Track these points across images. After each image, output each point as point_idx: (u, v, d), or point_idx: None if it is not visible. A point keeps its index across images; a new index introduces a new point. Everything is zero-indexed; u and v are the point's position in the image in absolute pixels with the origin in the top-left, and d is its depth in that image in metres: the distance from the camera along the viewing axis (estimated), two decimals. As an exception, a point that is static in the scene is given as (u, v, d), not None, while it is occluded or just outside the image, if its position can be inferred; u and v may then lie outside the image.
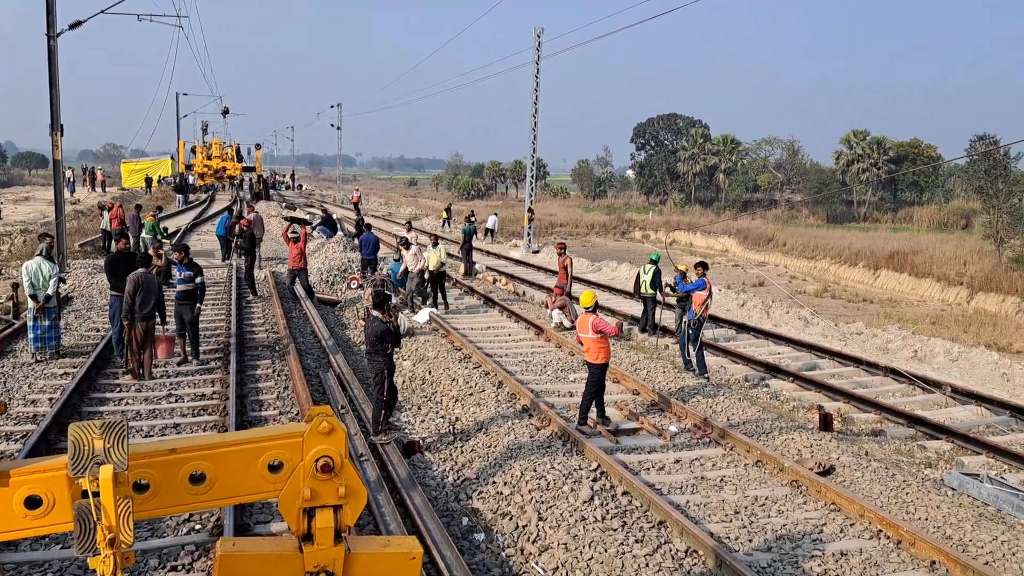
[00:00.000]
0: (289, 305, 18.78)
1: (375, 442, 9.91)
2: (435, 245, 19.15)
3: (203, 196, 59.83)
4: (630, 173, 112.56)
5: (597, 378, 10.65)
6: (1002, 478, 9.37)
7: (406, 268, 19.07)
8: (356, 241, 29.69)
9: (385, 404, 10.22)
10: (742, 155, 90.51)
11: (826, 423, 11.00)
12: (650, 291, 17.13)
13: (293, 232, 19.59)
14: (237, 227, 24.37)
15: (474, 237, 28.47)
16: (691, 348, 13.76)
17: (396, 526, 7.53)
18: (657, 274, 17.18)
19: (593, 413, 10.80)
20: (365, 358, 11.02)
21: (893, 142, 78.04)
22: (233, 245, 24.87)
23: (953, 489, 9.12)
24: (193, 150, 62.99)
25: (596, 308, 10.92)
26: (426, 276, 18.88)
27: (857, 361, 15.23)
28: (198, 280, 13.30)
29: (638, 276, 17.63)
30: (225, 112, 64.81)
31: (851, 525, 7.96)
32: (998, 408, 12.34)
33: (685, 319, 14.03)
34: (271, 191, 65.48)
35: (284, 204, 53.45)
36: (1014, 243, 43.47)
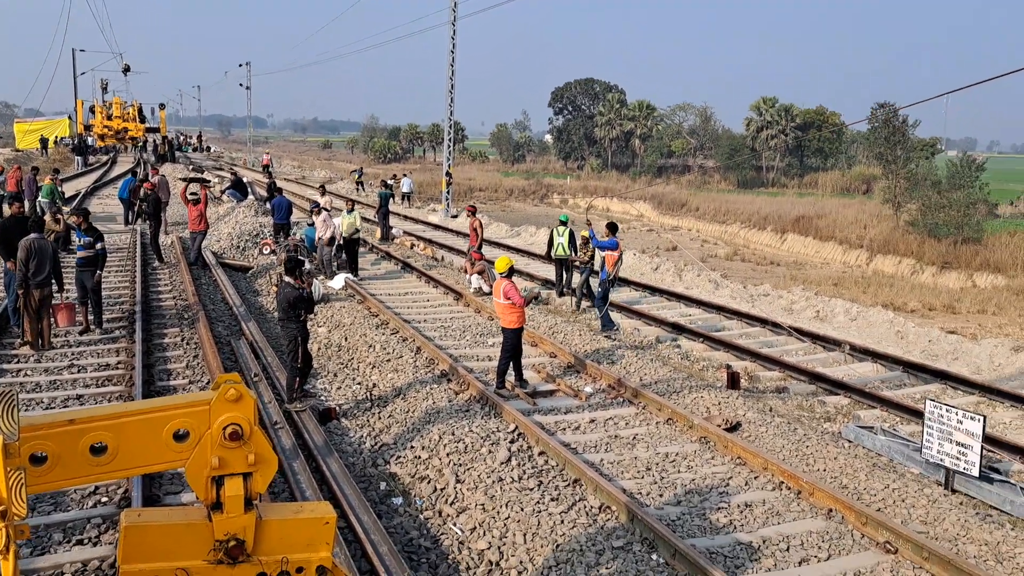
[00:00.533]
0: (198, 271, 18.21)
1: (290, 410, 9.77)
2: (350, 211, 18.80)
3: (104, 158, 57.04)
4: (548, 138, 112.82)
5: (511, 343, 10.73)
6: (894, 430, 9.93)
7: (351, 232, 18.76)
8: (268, 205, 28.95)
9: (300, 371, 10.07)
10: (657, 121, 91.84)
11: (733, 381, 11.41)
12: (566, 252, 17.15)
13: (192, 193, 18.78)
14: (141, 190, 23.35)
15: (391, 201, 28.08)
16: (601, 307, 14.33)
17: (312, 493, 7.48)
18: (572, 235, 17.22)
19: (511, 376, 10.91)
20: (278, 325, 10.80)
21: (800, 109, 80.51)
22: (137, 209, 23.89)
23: (850, 441, 9.62)
24: (92, 110, 59.67)
25: (511, 274, 11.00)
26: (339, 242, 18.54)
27: (763, 321, 15.79)
28: (99, 246, 12.74)
29: (551, 238, 17.57)
30: (126, 70, 61.58)
31: (755, 478, 8.32)
32: (892, 364, 13.02)
33: (599, 279, 14.50)
34: (177, 153, 62.94)
35: (191, 167, 51.53)
36: (910, 207, 45.65)
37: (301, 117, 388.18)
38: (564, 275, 17.65)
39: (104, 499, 7.39)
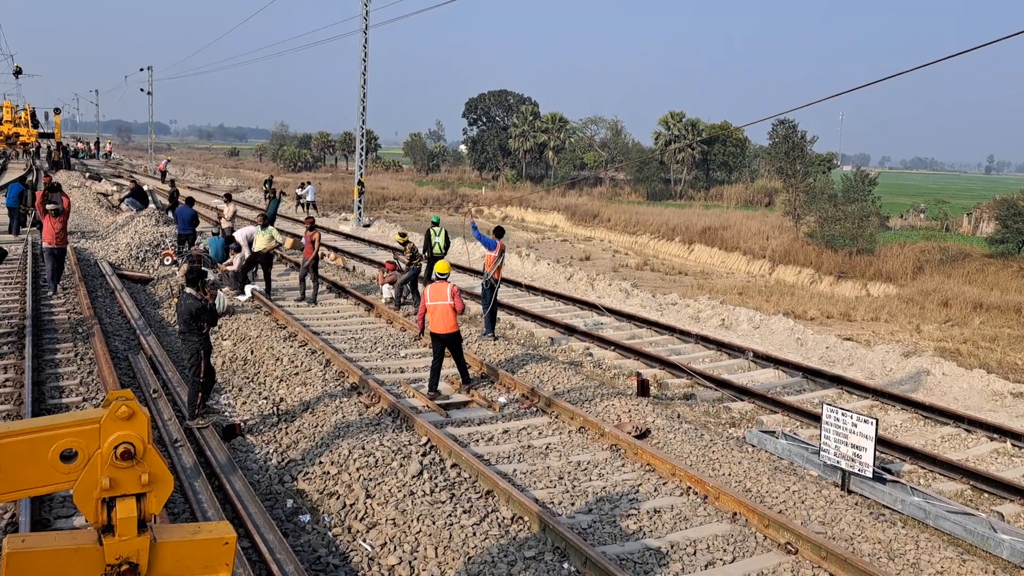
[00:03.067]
0: (94, 283, 17.39)
1: (192, 426, 9.41)
2: (263, 227, 18.02)
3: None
4: (463, 148, 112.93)
5: (457, 345, 11.18)
6: (794, 434, 10.31)
7: (225, 244, 18.12)
8: (170, 214, 27.96)
9: (202, 386, 9.71)
10: (570, 133, 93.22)
11: (643, 388, 11.63)
12: (442, 251, 17.90)
13: (51, 203, 15.61)
14: (29, 197, 22.18)
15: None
16: (485, 307, 14.39)
17: (215, 513, 7.21)
18: (447, 235, 18.22)
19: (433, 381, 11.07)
20: (179, 338, 10.40)
21: (706, 124, 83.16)
22: (29, 218, 22.69)
23: (753, 446, 9.93)
24: (-21, 114, 56.45)
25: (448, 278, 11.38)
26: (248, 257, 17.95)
27: (672, 330, 16.19)
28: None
29: (428, 237, 18.04)
30: (17, 72, 58.56)
31: (664, 484, 8.48)
32: (792, 370, 13.54)
33: (483, 280, 14.54)
34: (73, 160, 60.13)
35: (87, 174, 49.28)
36: (809, 220, 47.65)
37: (206, 123, 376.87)
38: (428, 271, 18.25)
39: (-13, 526, 6.93)
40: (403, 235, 17.17)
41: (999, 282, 35.49)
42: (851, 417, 8.65)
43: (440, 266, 11.37)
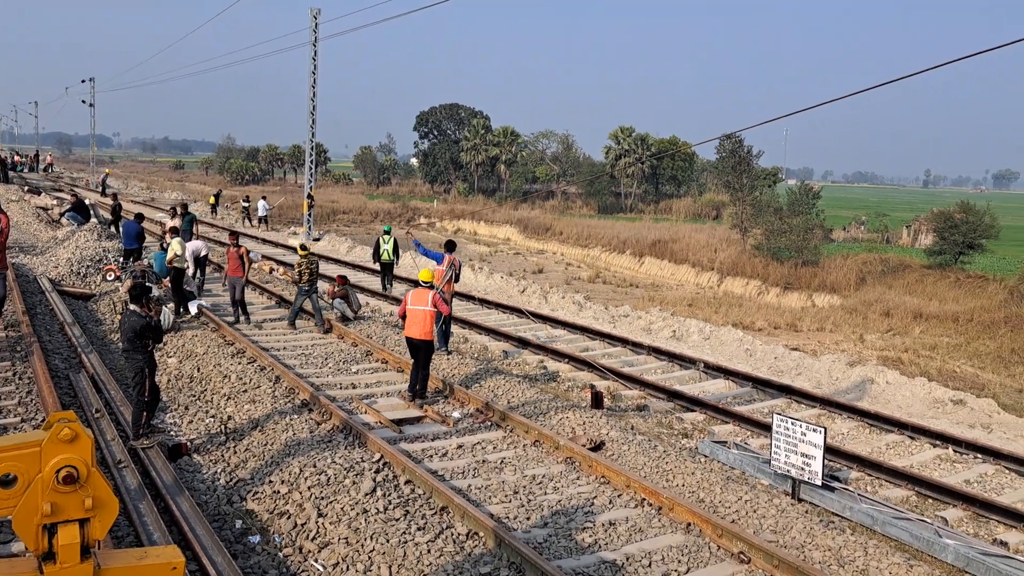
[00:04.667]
0: (33, 300, 16.84)
1: (136, 447, 9.14)
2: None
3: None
4: (414, 161, 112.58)
5: (428, 354, 11.31)
6: (746, 444, 10.45)
7: (171, 259, 17.65)
8: (113, 229, 27.29)
9: (146, 405, 9.44)
10: (521, 147, 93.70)
11: (597, 401, 11.67)
12: (390, 257, 20.45)
13: None
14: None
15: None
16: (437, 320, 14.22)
17: (160, 536, 7.00)
18: (396, 243, 20.57)
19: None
20: (123, 356, 10.11)
21: (655, 138, 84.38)
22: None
23: (705, 456, 10.03)
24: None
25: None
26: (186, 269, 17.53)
27: (624, 342, 16.31)
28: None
29: (378, 245, 20.53)
30: (-50, 81, 56.63)
31: (619, 496, 8.51)
32: (743, 381, 13.74)
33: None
34: (11, 173, 58.30)
35: (26, 188, 47.84)
36: (756, 232, 48.62)
37: (151, 136, 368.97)
38: (388, 277, 21.05)
39: (-84, 555, 6.62)
40: (304, 248, 16.36)
41: (937, 292, 36.63)
42: (800, 426, 8.80)
43: (423, 274, 11.80)
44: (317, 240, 34.51)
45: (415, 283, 19.28)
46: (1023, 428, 12.48)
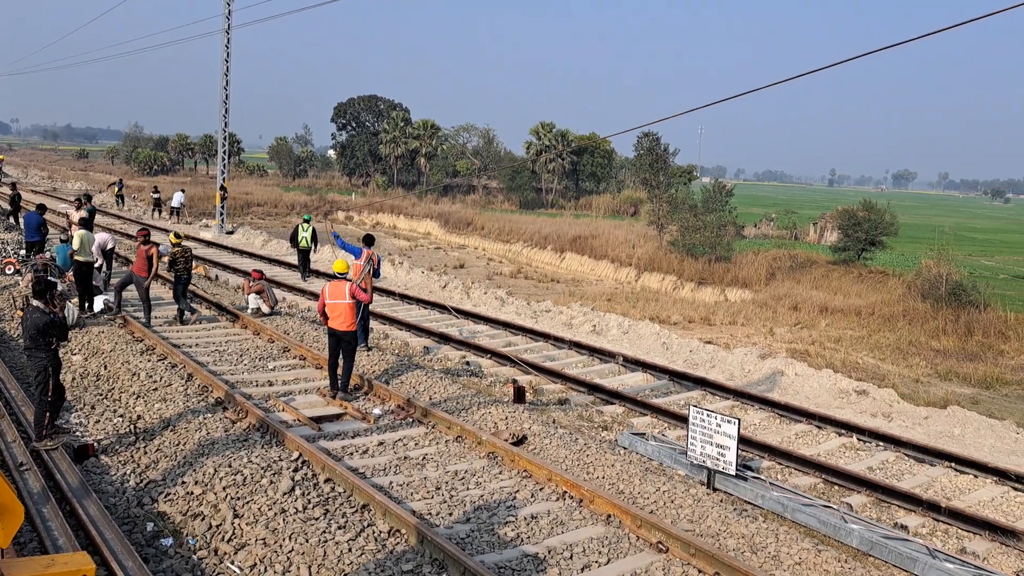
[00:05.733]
0: (-78, 295, 15.83)
1: (39, 448, 8.72)
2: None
3: None
4: (331, 153, 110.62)
5: (352, 345, 11.28)
6: (663, 435, 10.69)
7: (73, 252, 16.87)
8: (11, 220, 25.93)
9: (50, 405, 9.00)
10: (442, 140, 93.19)
11: (519, 395, 11.73)
12: (308, 244, 22.11)
13: None
14: None
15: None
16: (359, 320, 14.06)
17: (66, 541, 6.69)
18: (315, 231, 22.45)
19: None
20: (24, 354, 9.61)
21: (575, 135, 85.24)
22: None
23: (625, 448, 10.21)
24: None
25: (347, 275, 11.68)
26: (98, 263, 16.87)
27: (546, 336, 16.45)
28: None
29: (296, 232, 22.24)
30: None
31: (540, 489, 8.57)
32: (660, 373, 14.05)
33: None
34: None
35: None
36: (672, 229, 49.68)
37: (52, 123, 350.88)
38: (307, 263, 22.42)
39: None
40: (178, 236, 15.77)
41: (842, 287, 38.18)
42: (715, 418, 9.05)
43: (338, 265, 11.70)
44: (230, 233, 33.57)
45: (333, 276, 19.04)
46: (920, 416, 13.15)
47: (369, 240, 14.26)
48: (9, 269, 18.36)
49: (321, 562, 6.65)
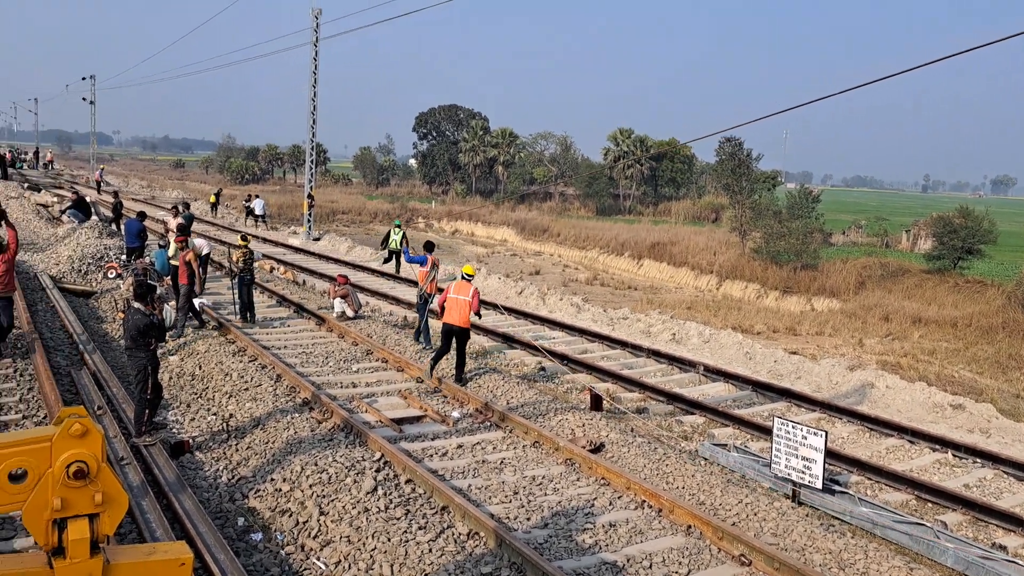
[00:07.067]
0: (34, 296, 16.84)
1: (139, 444, 9.16)
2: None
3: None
4: (413, 162, 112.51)
5: (464, 338, 12.35)
6: (746, 447, 10.48)
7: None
8: (114, 226, 27.30)
9: (149, 403, 9.46)
10: (519, 148, 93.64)
11: (596, 403, 11.69)
12: (398, 246, 23.97)
13: None
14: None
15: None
16: (420, 316, 15.10)
17: (164, 533, 7.01)
18: (404, 234, 24.48)
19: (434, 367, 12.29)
20: (125, 354, 10.13)
21: (654, 141, 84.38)
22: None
23: (705, 459, 10.06)
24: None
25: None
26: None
27: (624, 344, 16.33)
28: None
29: (388, 235, 24.59)
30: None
31: (619, 497, 8.53)
32: (742, 384, 13.76)
33: (417, 292, 15.46)
34: (11, 170, 58.27)
35: (26, 185, 47.83)
36: (755, 236, 48.63)
37: (151, 134, 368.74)
38: (398, 263, 24.30)
39: (-81, 550, 6.63)
40: (244, 237, 16.68)
41: (936, 297, 36.65)
42: (801, 430, 8.83)
43: (467, 268, 13.02)
44: (317, 240, 34.51)
45: (414, 283, 19.46)
46: (1021, 433, 12.52)
47: (430, 246, 15.58)
48: (111, 273, 19.35)
49: (403, 561, 6.78)
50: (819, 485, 8.63)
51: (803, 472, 8.74)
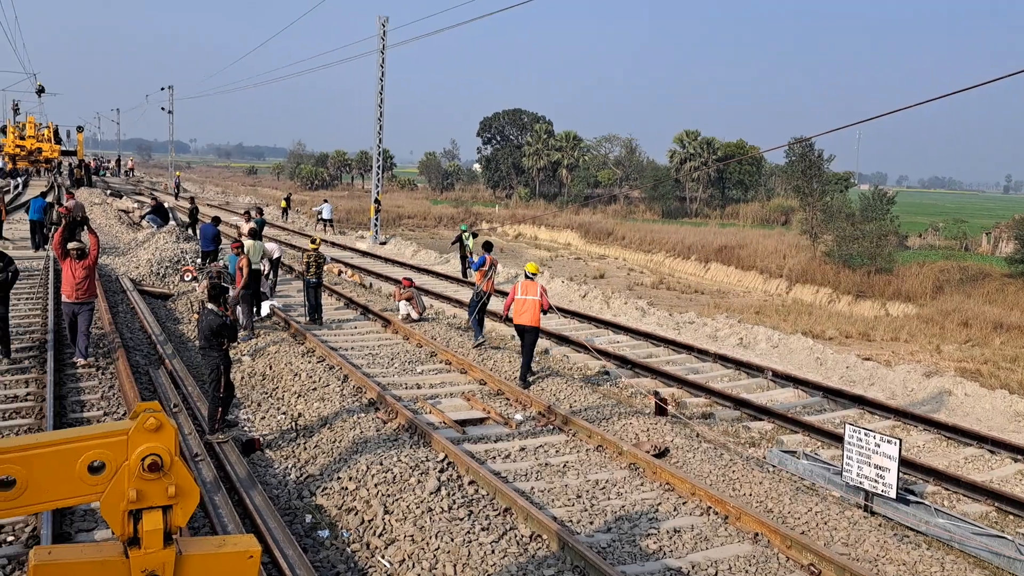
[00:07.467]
0: (115, 299, 17.54)
1: (212, 441, 9.44)
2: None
3: (12, 182, 54.69)
4: (477, 167, 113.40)
5: (534, 339, 12.53)
6: (816, 454, 10.20)
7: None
8: (190, 231, 28.23)
9: (222, 401, 9.75)
10: (583, 151, 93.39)
11: (661, 408, 11.55)
12: (470, 253, 24.73)
13: (77, 243, 12.45)
14: (54, 213, 22.47)
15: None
16: (476, 315, 15.20)
17: (234, 527, 7.21)
18: (474, 234, 25.99)
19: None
20: (199, 353, 10.46)
21: (721, 142, 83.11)
22: (51, 234, 22.93)
23: (774, 466, 9.83)
24: (3, 129, 57.22)
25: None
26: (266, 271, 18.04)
27: (689, 348, 16.09)
28: (11, 268, 12.12)
29: (461, 240, 25.53)
30: (40, 91, 59.26)
31: (684, 503, 8.40)
32: (813, 390, 13.41)
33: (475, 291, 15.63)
34: (94, 177, 60.88)
35: (108, 192, 49.89)
36: (826, 239, 47.41)
37: (225, 142, 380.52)
38: (463, 267, 25.35)
39: (10, 538, 6.96)
40: (313, 241, 17.04)
41: (1019, 302, 35.10)
42: (874, 437, 8.56)
43: (530, 266, 13.17)
44: (383, 244, 35.04)
45: (470, 284, 19.67)
46: (1114, 445, 11.85)
47: (488, 246, 16.10)
48: (187, 276, 20.03)
49: (466, 562, 6.82)
50: (893, 494, 8.35)
51: (876, 481, 8.47)
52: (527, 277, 12.82)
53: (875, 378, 15.05)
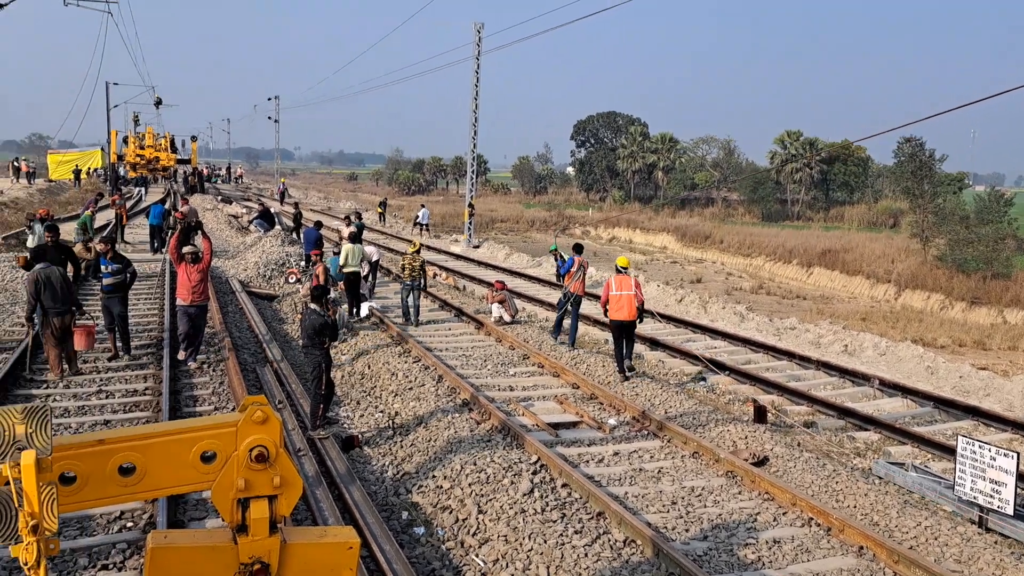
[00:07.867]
0: (225, 299, 18.38)
1: (313, 437, 9.77)
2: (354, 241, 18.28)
3: (134, 190, 58.04)
4: (570, 170, 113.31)
5: (632, 333, 12.63)
6: (925, 467, 9.72)
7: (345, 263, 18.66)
8: (294, 235, 29.31)
9: (323, 398, 10.08)
10: (680, 153, 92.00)
11: (760, 415, 11.25)
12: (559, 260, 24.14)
13: (191, 248, 12.82)
14: (171, 219, 23.76)
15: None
16: (567, 320, 15.35)
17: (334, 520, 7.44)
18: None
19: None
20: (302, 352, 10.85)
21: (825, 143, 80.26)
22: (168, 238, 24.25)
23: (880, 478, 9.42)
24: (125, 140, 60.89)
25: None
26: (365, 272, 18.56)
27: (790, 355, 15.61)
28: (130, 270, 12.88)
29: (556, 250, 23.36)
30: (158, 103, 62.71)
31: (784, 513, 8.16)
32: (923, 400, 12.79)
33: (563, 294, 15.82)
34: (207, 184, 64.02)
35: (219, 198, 52.35)
36: (938, 242, 45.15)
37: (327, 149, 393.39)
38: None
39: (129, 524, 7.39)
40: (414, 244, 17.63)
41: None
42: (989, 450, 8.09)
43: (621, 260, 13.19)
44: (477, 247, 35.45)
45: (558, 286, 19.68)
46: None
47: (579, 248, 15.93)
48: (292, 278, 20.79)
49: (559, 564, 6.82)
50: (1010, 511, 7.87)
51: (991, 496, 8.00)
52: (619, 271, 12.75)
53: (991, 388, 14.22)
